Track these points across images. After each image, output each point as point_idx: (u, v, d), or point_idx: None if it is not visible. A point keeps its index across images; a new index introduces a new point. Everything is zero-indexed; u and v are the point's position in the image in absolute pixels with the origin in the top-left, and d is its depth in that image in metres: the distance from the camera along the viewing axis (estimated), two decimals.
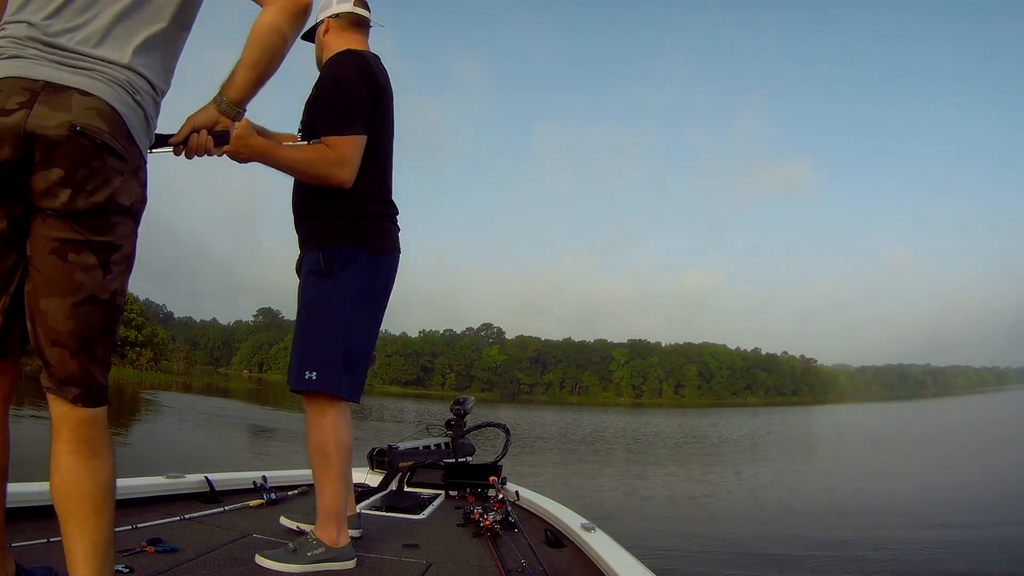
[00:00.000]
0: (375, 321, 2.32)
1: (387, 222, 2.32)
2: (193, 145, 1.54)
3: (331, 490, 2.15)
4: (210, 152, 1.58)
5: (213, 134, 1.56)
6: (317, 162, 2.11)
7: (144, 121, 1.36)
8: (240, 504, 2.84)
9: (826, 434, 32.01)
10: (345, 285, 2.17)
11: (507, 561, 2.24)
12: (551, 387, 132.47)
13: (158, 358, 49.44)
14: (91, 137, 1.23)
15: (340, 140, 2.12)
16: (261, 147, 2.06)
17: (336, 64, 2.23)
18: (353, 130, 2.13)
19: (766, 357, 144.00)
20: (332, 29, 2.37)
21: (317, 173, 2.13)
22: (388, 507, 3.15)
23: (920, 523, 8.15)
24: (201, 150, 1.56)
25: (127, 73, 1.31)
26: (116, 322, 1.35)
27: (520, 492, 3.43)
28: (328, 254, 2.17)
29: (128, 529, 2.20)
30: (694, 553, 6.38)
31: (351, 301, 2.19)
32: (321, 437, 2.15)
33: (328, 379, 2.14)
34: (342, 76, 2.19)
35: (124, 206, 1.30)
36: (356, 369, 2.22)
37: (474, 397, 4.48)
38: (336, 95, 2.16)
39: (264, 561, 2.02)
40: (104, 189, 1.26)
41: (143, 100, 1.35)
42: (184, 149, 1.54)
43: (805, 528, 7.96)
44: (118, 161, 1.28)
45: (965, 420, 41.88)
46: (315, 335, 2.16)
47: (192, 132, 1.54)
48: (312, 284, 2.19)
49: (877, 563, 6.04)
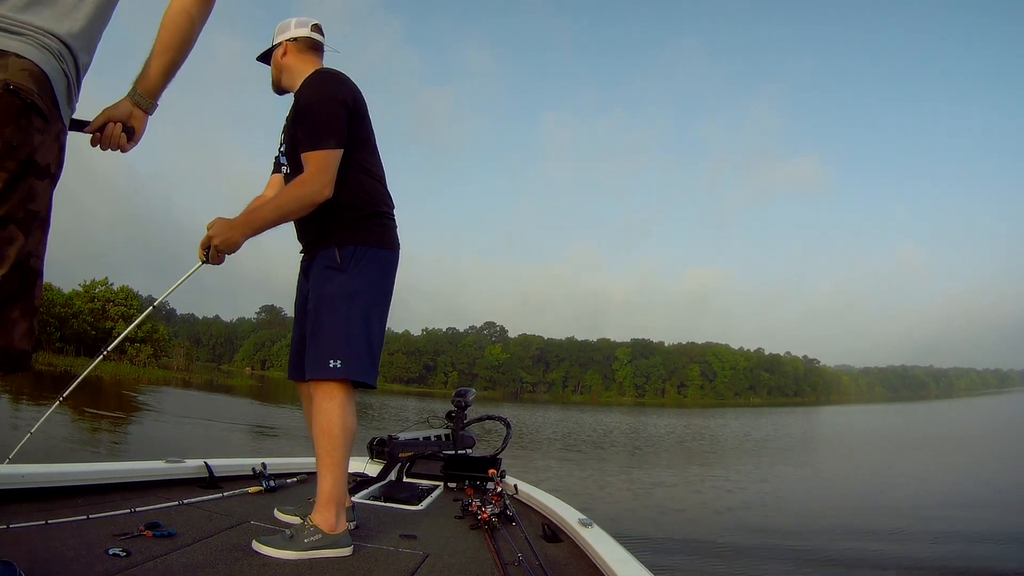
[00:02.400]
0: (386, 314, 2.41)
1: (390, 219, 2.43)
2: (107, 134, 1.59)
3: (334, 475, 2.18)
4: (123, 148, 1.63)
5: (126, 129, 1.61)
6: (299, 195, 2.20)
7: (67, 90, 1.38)
8: (239, 490, 2.84)
9: (829, 435, 31.92)
10: (362, 279, 2.28)
11: (504, 554, 2.25)
12: (554, 386, 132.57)
13: (158, 354, 49.44)
14: (22, 96, 1.25)
15: (314, 155, 2.21)
16: (241, 225, 2.20)
17: (308, 87, 2.33)
18: (326, 144, 2.21)
19: (769, 357, 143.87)
20: (290, 52, 2.46)
21: (305, 203, 2.20)
22: (386, 497, 3.16)
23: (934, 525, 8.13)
24: (114, 142, 1.60)
25: (56, 43, 1.34)
26: (33, 285, 1.33)
27: (519, 486, 3.44)
28: (345, 251, 2.27)
29: (126, 513, 2.21)
30: (690, 549, 6.39)
31: (368, 294, 2.29)
32: (329, 421, 2.18)
33: (354, 366, 2.20)
34: (316, 97, 2.28)
35: (41, 166, 1.31)
36: (376, 358, 2.31)
37: (475, 390, 4.48)
38: (312, 113, 2.25)
39: (261, 547, 2.02)
40: (26, 146, 1.27)
41: (68, 70, 1.37)
42: (100, 139, 1.59)
43: (805, 528, 7.95)
44: (42, 122, 1.30)
45: (979, 421, 41.67)
46: (339, 325, 2.22)
47: (108, 123, 1.59)
48: (329, 279, 2.27)
49: (878, 563, 6.03)
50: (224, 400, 32.08)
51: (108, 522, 2.09)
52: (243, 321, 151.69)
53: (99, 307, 48.40)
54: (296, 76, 2.43)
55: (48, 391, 20.27)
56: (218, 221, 2.21)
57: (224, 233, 2.17)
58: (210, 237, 2.19)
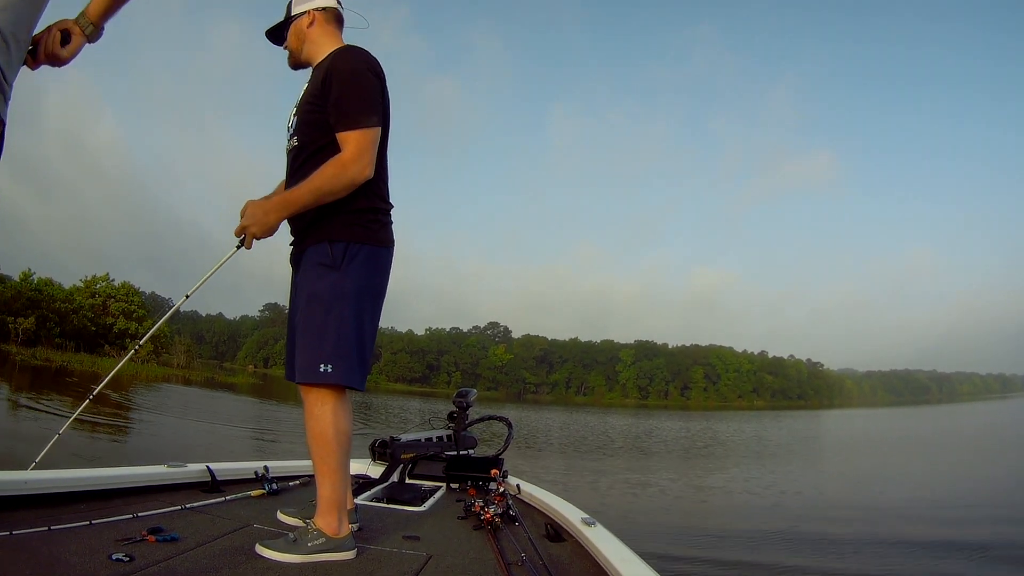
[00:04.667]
0: (378, 313, 2.33)
1: (386, 216, 2.34)
2: (42, 40, 1.61)
3: (332, 480, 2.16)
4: (58, 55, 1.64)
5: (62, 33, 1.65)
6: (336, 174, 2.10)
7: (2, 75, 1.34)
8: (241, 494, 2.85)
9: (839, 439, 31.79)
10: (354, 278, 2.18)
11: (507, 554, 2.24)
12: (557, 387, 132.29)
13: (159, 351, 49.46)
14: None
15: (356, 134, 2.12)
16: (276, 207, 2.12)
17: (345, 59, 2.22)
18: (370, 122, 2.14)
19: (773, 360, 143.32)
20: (318, 22, 2.35)
21: (345, 184, 2.11)
22: (389, 499, 3.16)
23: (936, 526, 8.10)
24: (49, 46, 1.62)
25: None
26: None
27: (521, 486, 3.43)
28: (337, 247, 2.17)
29: (129, 518, 2.21)
30: (694, 549, 6.37)
31: (359, 293, 2.20)
32: (322, 427, 2.14)
33: (344, 371, 2.14)
34: (356, 69, 2.18)
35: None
36: (366, 360, 2.24)
37: (476, 390, 4.47)
38: (350, 88, 2.14)
39: (264, 551, 2.02)
40: None
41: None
42: (40, 50, 1.62)
43: (806, 527, 7.92)
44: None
45: (991, 424, 41.44)
46: (329, 328, 2.14)
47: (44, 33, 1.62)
48: (320, 276, 2.17)
49: (880, 563, 6.00)
50: (224, 397, 32.11)
51: (111, 527, 2.09)
52: (246, 319, 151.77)
53: (100, 303, 48.31)
54: (321, 49, 2.32)
55: (47, 387, 20.33)
56: (250, 205, 2.14)
57: (259, 219, 2.11)
58: (245, 225, 2.12)
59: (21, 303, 40.84)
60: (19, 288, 42.81)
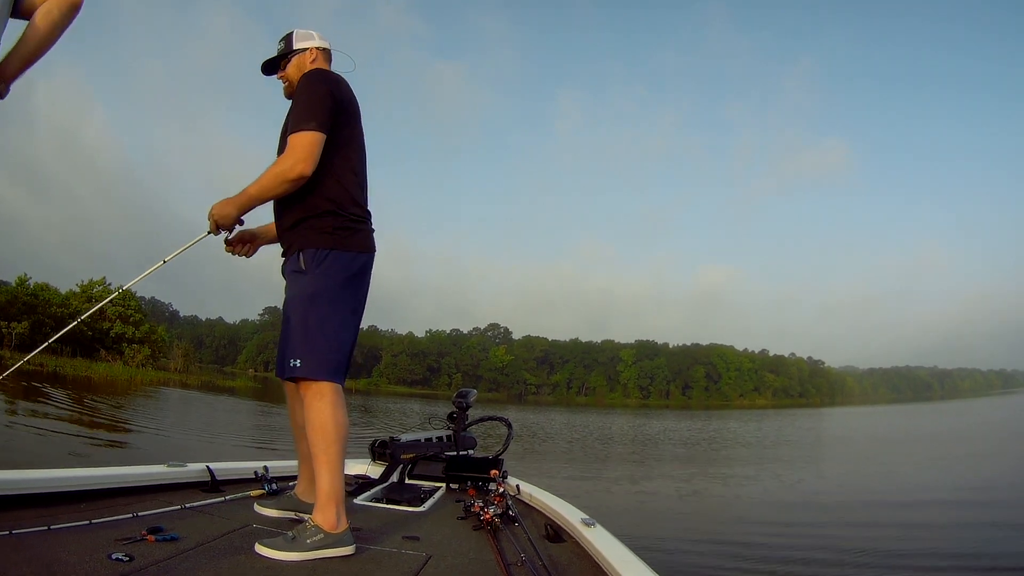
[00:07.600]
0: (356, 313, 2.48)
1: (361, 224, 2.50)
2: None
3: (331, 474, 2.21)
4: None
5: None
6: (275, 171, 2.33)
7: None
8: (241, 494, 2.85)
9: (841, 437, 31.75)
10: (323, 281, 2.35)
11: (507, 554, 2.25)
12: (558, 388, 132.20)
13: (156, 356, 49.35)
14: None
15: (296, 136, 2.32)
16: (233, 202, 2.37)
17: (304, 76, 2.49)
18: (309, 126, 2.32)
19: (774, 359, 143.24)
20: (319, 59, 2.65)
21: (284, 179, 2.32)
22: (389, 499, 3.16)
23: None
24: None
25: None
26: None
27: (521, 486, 3.44)
28: (307, 254, 2.37)
29: (129, 517, 2.21)
30: (694, 550, 6.36)
31: (329, 296, 2.36)
32: (322, 419, 2.24)
33: (312, 366, 2.30)
34: (309, 81, 2.44)
35: None
36: (336, 357, 2.37)
37: (476, 391, 4.48)
38: (300, 98, 2.41)
39: (264, 550, 2.03)
40: None
41: None
42: None
43: (805, 528, 7.92)
44: None
45: (998, 420, 41.35)
46: (298, 327, 2.33)
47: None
48: (294, 281, 2.40)
49: (881, 563, 6.00)
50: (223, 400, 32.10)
51: (110, 527, 2.09)
52: (246, 323, 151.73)
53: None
54: None
55: (36, 392, 20.27)
56: (219, 201, 2.40)
57: (219, 210, 2.36)
58: (210, 214, 2.39)
59: (17, 308, 40.80)
60: (15, 293, 42.77)
